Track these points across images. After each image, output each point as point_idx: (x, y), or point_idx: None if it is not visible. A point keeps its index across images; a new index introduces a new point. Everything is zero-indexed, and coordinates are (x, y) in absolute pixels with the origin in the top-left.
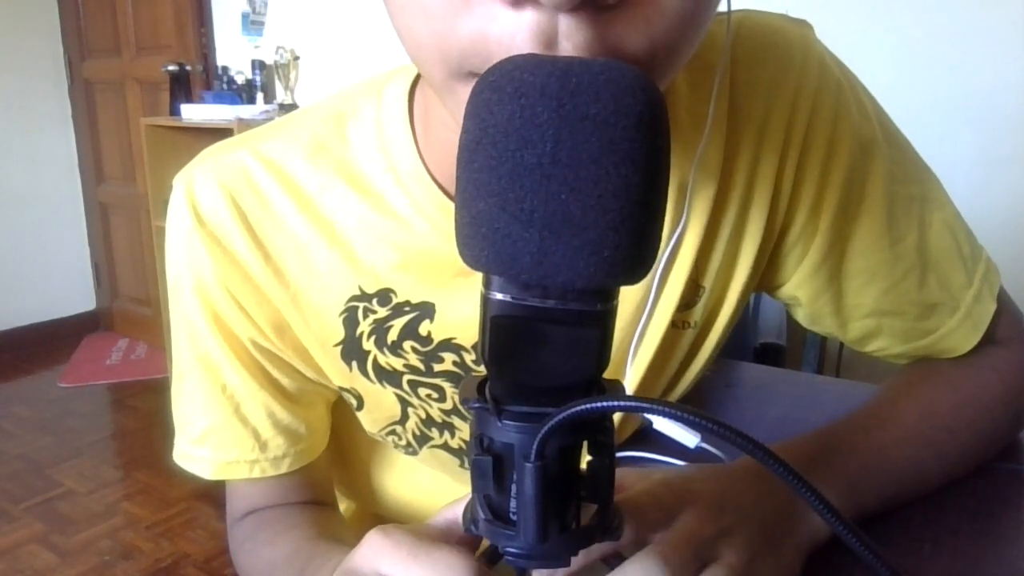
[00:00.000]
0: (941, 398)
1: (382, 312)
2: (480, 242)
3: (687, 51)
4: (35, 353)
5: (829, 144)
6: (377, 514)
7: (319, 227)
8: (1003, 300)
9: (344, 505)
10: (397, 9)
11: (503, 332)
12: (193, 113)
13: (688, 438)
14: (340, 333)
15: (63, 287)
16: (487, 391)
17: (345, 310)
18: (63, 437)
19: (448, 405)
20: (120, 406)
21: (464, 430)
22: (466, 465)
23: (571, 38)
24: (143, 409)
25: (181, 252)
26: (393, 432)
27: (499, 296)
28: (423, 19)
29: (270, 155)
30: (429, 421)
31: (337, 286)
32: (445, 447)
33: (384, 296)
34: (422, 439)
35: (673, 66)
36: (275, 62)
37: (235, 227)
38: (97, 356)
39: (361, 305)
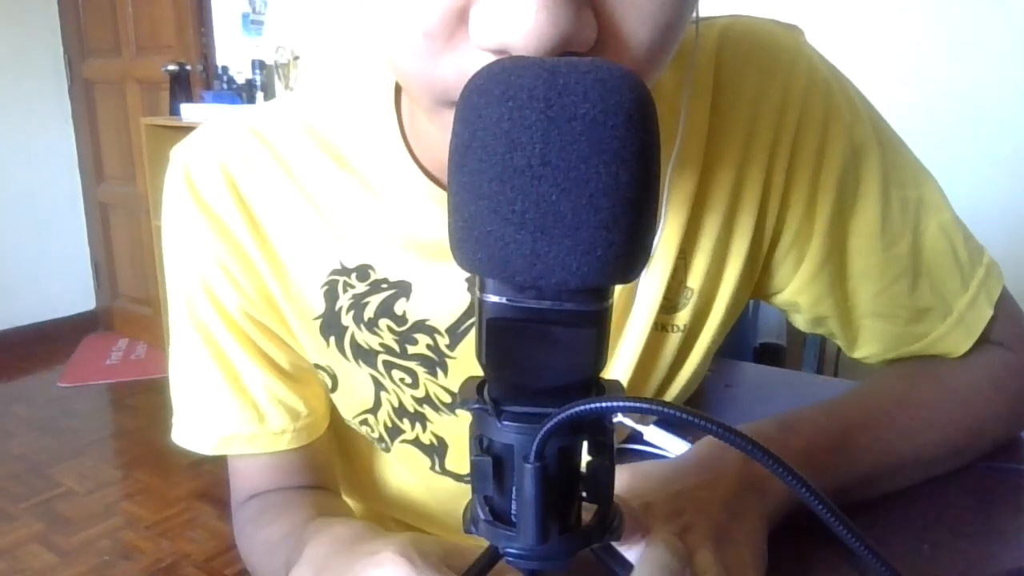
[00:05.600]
0: (919, 387)
1: (360, 287)
2: (473, 245)
3: (660, 71)
4: (35, 353)
5: (820, 147)
6: (383, 513)
7: (306, 200)
8: (1005, 304)
9: (351, 505)
10: (383, 43)
11: (499, 335)
12: (193, 113)
13: (678, 448)
14: (321, 306)
15: (63, 287)
16: (486, 392)
17: (326, 283)
18: (63, 437)
19: (420, 392)
20: (120, 406)
21: (436, 422)
22: (437, 468)
23: None
24: (143, 409)
25: (175, 222)
26: (366, 422)
27: (494, 299)
28: (408, 56)
29: (262, 131)
30: (401, 411)
31: (320, 259)
32: (416, 443)
33: (363, 272)
34: (394, 431)
35: (647, 83)
36: (275, 62)
37: (227, 197)
38: (97, 356)
39: (341, 279)
